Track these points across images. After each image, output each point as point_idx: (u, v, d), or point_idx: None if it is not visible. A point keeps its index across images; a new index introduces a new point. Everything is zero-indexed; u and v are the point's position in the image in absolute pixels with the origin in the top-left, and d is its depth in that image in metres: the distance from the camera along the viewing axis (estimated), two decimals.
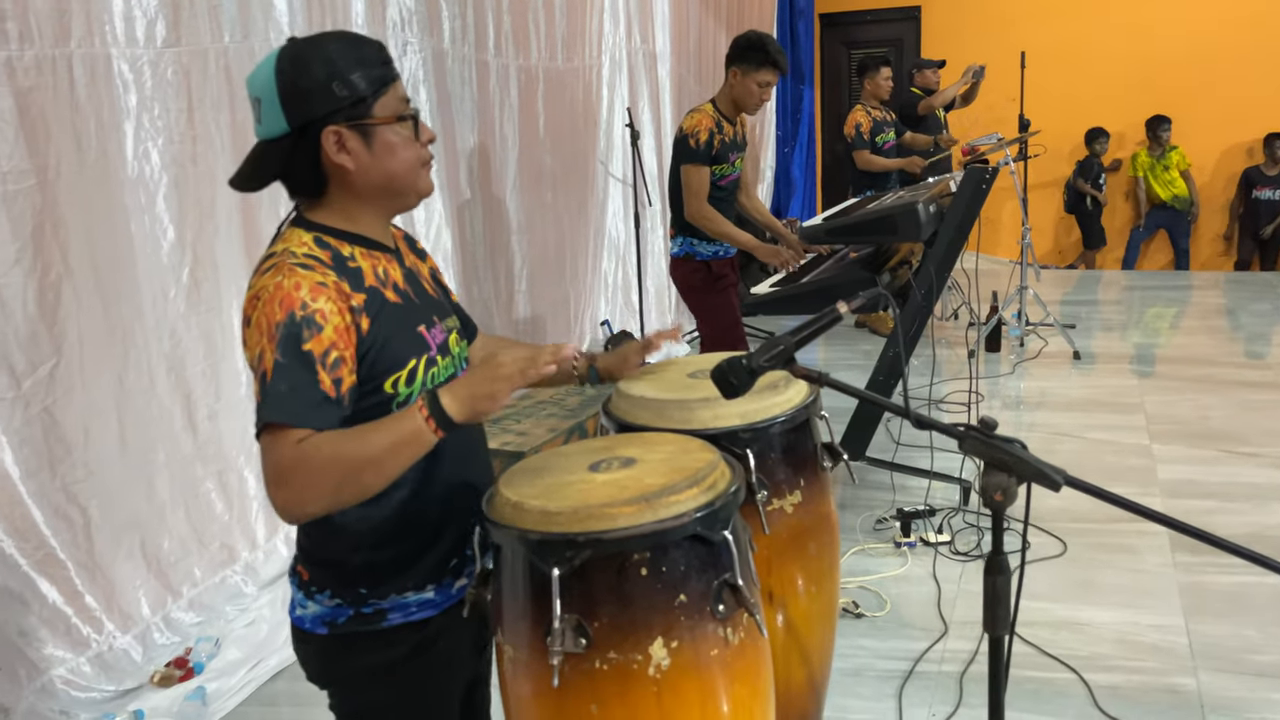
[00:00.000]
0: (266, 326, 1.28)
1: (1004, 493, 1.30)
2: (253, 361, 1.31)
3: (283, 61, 1.35)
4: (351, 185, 1.40)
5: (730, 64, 3.72)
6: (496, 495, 1.38)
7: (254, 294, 1.32)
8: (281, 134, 1.35)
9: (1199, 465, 4.05)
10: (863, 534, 3.61)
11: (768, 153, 8.40)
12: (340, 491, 1.27)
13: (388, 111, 1.38)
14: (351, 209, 1.42)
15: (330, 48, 1.36)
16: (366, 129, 1.36)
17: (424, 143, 1.45)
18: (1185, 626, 2.90)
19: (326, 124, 1.34)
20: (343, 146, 1.36)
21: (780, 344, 1.34)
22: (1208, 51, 8.19)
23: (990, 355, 5.85)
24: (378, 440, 1.28)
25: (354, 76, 1.34)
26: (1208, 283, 7.88)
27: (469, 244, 4.18)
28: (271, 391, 1.27)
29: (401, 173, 1.41)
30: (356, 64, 1.35)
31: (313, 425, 1.27)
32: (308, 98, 1.33)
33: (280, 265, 1.33)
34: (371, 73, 1.37)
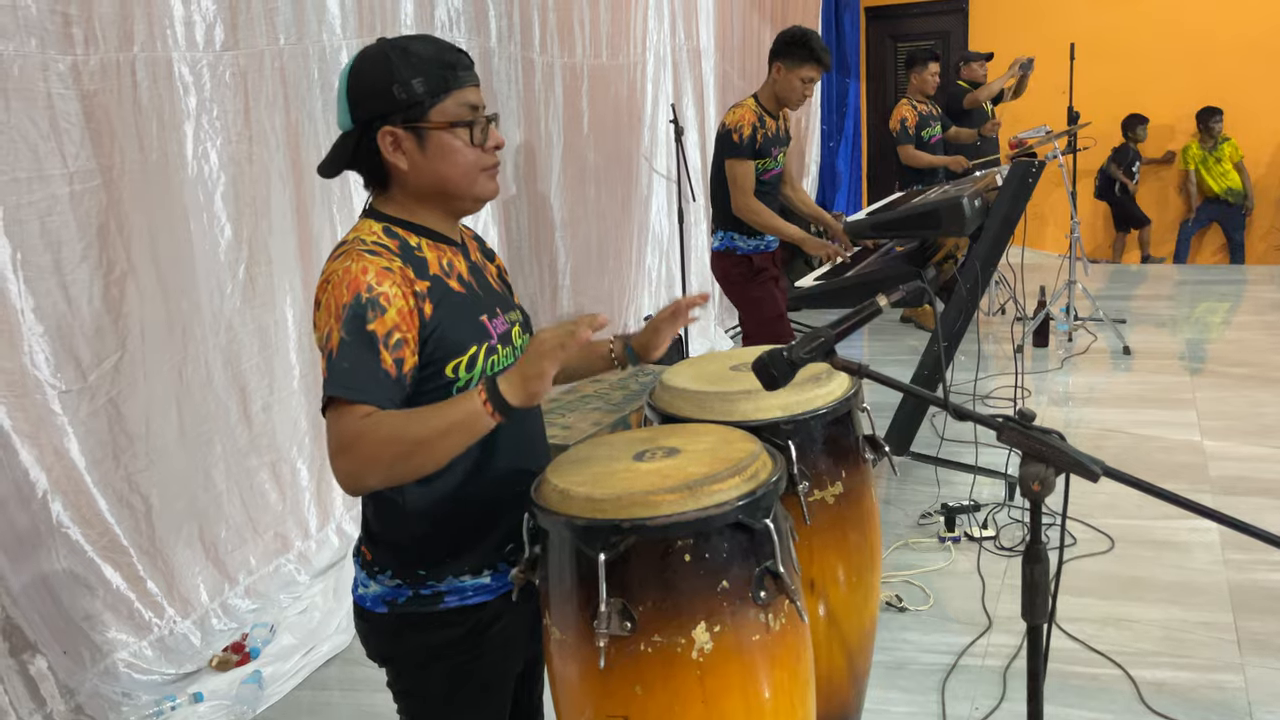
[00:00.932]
0: (334, 308, 1.35)
1: (1042, 483, 1.31)
2: (321, 342, 1.38)
3: (357, 61, 1.44)
4: (407, 184, 1.47)
5: (774, 59, 3.73)
6: (544, 483, 1.42)
7: (325, 278, 1.40)
8: (347, 129, 1.45)
9: (1252, 462, 3.99)
10: (906, 529, 3.61)
11: (813, 147, 8.37)
12: (394, 468, 1.33)
13: (445, 116, 1.44)
14: (412, 205, 1.50)
15: (402, 51, 1.43)
16: (421, 131, 1.43)
17: (489, 148, 1.50)
18: (1234, 624, 2.87)
19: (384, 124, 1.42)
20: (398, 147, 1.43)
21: (820, 336, 1.37)
22: (1260, 40, 8.01)
23: (1038, 350, 5.80)
24: (435, 421, 1.33)
25: (414, 81, 1.41)
26: (1262, 277, 7.72)
27: (514, 240, 4.24)
28: (336, 367, 1.33)
29: (454, 176, 1.47)
30: (422, 69, 1.42)
31: (373, 401, 1.32)
32: (368, 97, 1.42)
33: (350, 251, 1.40)
34: (432, 79, 1.42)
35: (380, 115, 1.42)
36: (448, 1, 3.71)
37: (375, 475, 1.34)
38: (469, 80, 1.48)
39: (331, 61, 3.20)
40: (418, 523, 1.48)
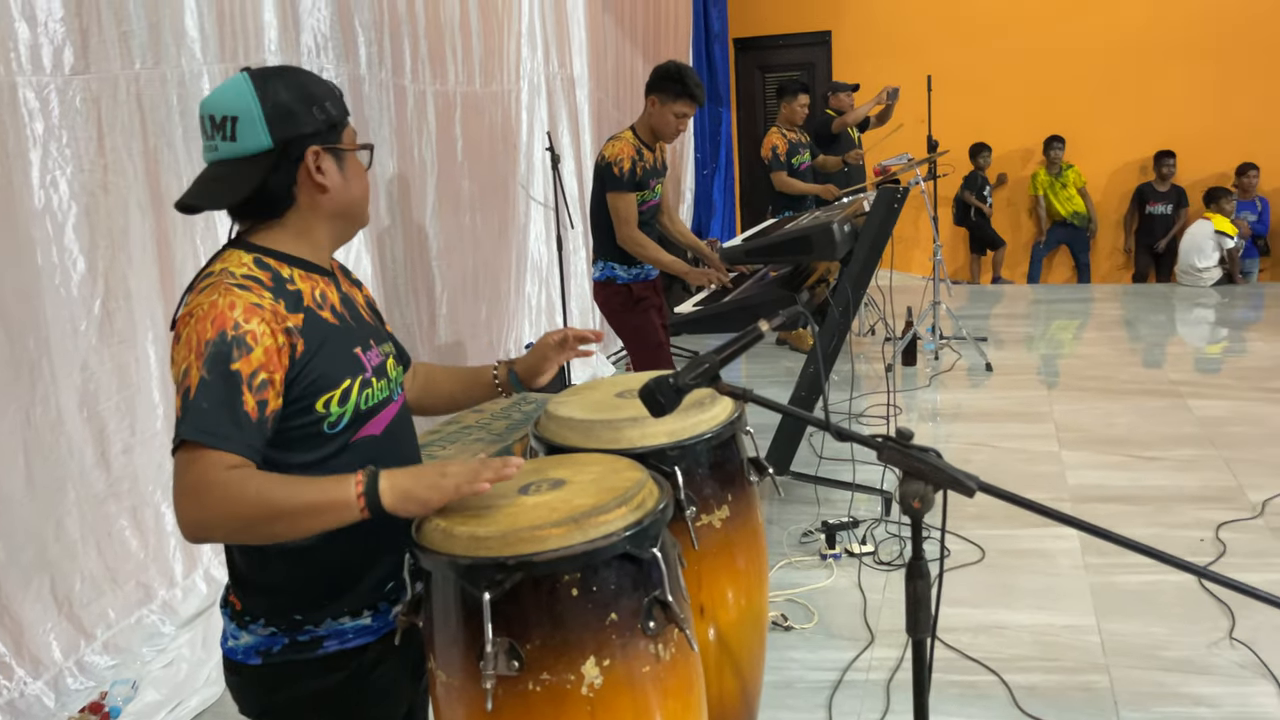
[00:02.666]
0: (196, 343, 1.29)
1: (921, 500, 1.35)
2: (178, 377, 1.31)
3: (263, 82, 1.40)
4: (320, 206, 1.45)
5: (649, 92, 3.78)
6: (426, 521, 1.38)
7: (188, 311, 1.34)
8: (261, 150, 1.38)
9: (1105, 470, 4.22)
10: (789, 547, 3.67)
11: (688, 175, 8.51)
12: (249, 529, 1.29)
13: (351, 141, 1.47)
14: (308, 230, 1.46)
15: (302, 77, 1.43)
16: (339, 153, 1.44)
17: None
18: (1097, 626, 3.01)
19: (309, 143, 1.40)
20: (320, 168, 1.42)
21: (705, 362, 1.37)
22: (1097, 76, 8.58)
23: (907, 369, 6.01)
24: (304, 496, 1.30)
25: (328, 104, 1.42)
26: (1107, 295, 8.22)
27: (389, 269, 4.15)
28: (194, 408, 1.27)
29: (361, 198, 1.51)
30: (327, 94, 1.44)
31: (234, 448, 1.27)
32: (289, 116, 1.38)
33: (217, 284, 1.34)
34: (338, 104, 1.45)
35: (303, 135, 1.39)
36: (314, 27, 3.62)
37: (224, 531, 1.29)
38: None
39: (191, 88, 3.08)
40: (292, 564, 1.41)
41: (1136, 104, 8.55)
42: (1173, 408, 4.99)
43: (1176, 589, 3.18)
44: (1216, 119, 8.29)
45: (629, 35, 6.79)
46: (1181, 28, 8.32)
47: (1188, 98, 8.38)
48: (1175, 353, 6.26)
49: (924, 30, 8.81)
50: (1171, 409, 4.97)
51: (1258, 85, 8.09)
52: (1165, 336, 6.74)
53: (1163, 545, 3.57)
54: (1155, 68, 8.43)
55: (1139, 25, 8.41)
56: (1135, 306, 7.66)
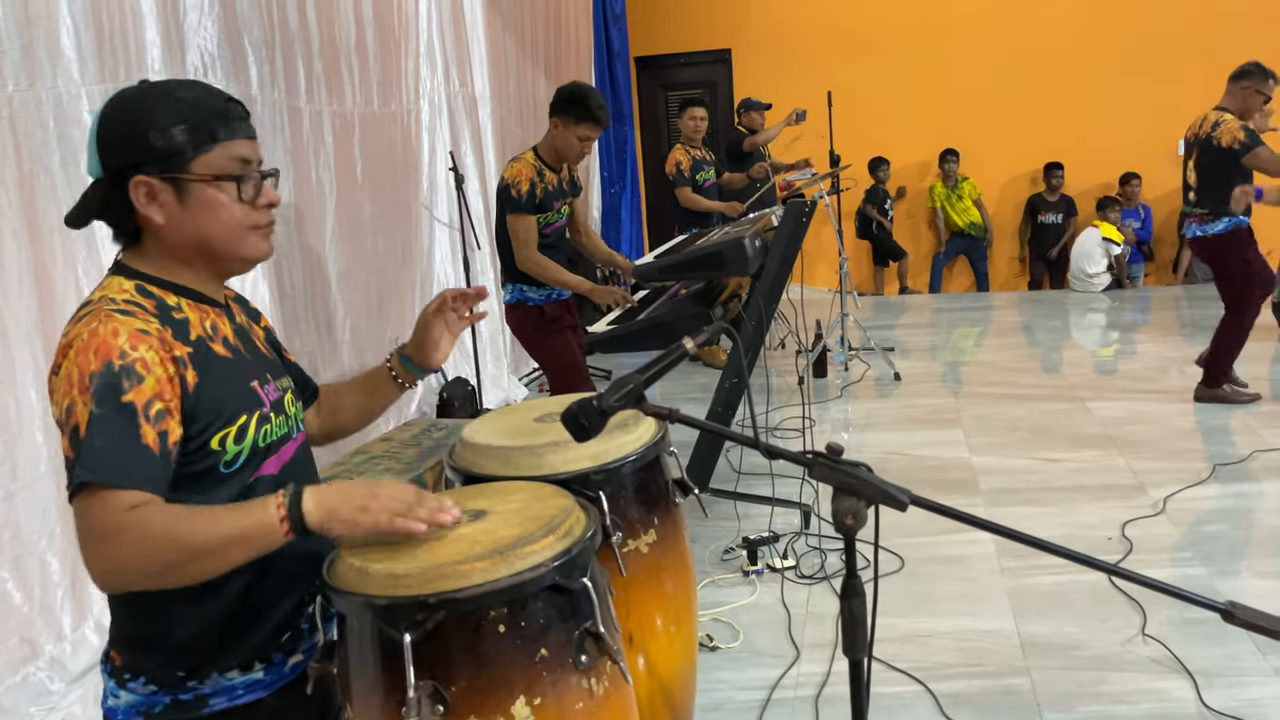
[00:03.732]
0: (79, 377, 1.19)
1: (854, 516, 1.32)
2: (60, 416, 1.20)
3: (112, 103, 1.30)
4: (164, 239, 1.34)
5: (552, 114, 3.72)
6: (339, 560, 1.29)
7: (66, 342, 1.23)
8: (97, 176, 1.31)
9: (1014, 474, 4.31)
10: (711, 565, 3.63)
11: (594, 194, 8.48)
12: (168, 572, 1.18)
13: (210, 169, 1.32)
14: (168, 262, 1.36)
15: (164, 95, 1.31)
16: (181, 183, 1.30)
17: (260, 206, 1.39)
18: (1016, 629, 3.05)
19: (137, 173, 1.28)
20: (154, 198, 1.30)
21: (629, 383, 1.32)
22: (990, 89, 8.88)
23: (819, 381, 6.07)
24: (222, 527, 1.20)
25: (175, 128, 1.29)
26: (1006, 302, 8.48)
27: (288, 295, 3.99)
28: (86, 448, 1.16)
29: (219, 234, 1.35)
30: (185, 116, 1.30)
31: (139, 485, 1.17)
32: (120, 143, 1.28)
33: (97, 312, 1.24)
34: (200, 128, 1.31)
35: (133, 164, 1.27)
36: (200, 45, 3.47)
37: (141, 576, 1.18)
38: (241, 132, 1.36)
39: (69, 110, 2.90)
40: (175, 616, 1.31)
41: (1025, 118, 8.87)
42: (1073, 410, 5.14)
43: (1089, 588, 3.25)
44: (1101, 132, 8.65)
45: (530, 54, 6.74)
46: (1066, 45, 8.67)
47: (1073, 112, 8.73)
48: (1072, 356, 6.47)
49: (822, 47, 8.99)
50: (1072, 411, 5.12)
51: (1138, 99, 8.47)
52: (1062, 341, 6.97)
53: (1072, 545, 3.65)
54: (1042, 83, 8.76)
55: (1026, 42, 8.74)
56: (1032, 313, 7.91)
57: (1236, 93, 4.82)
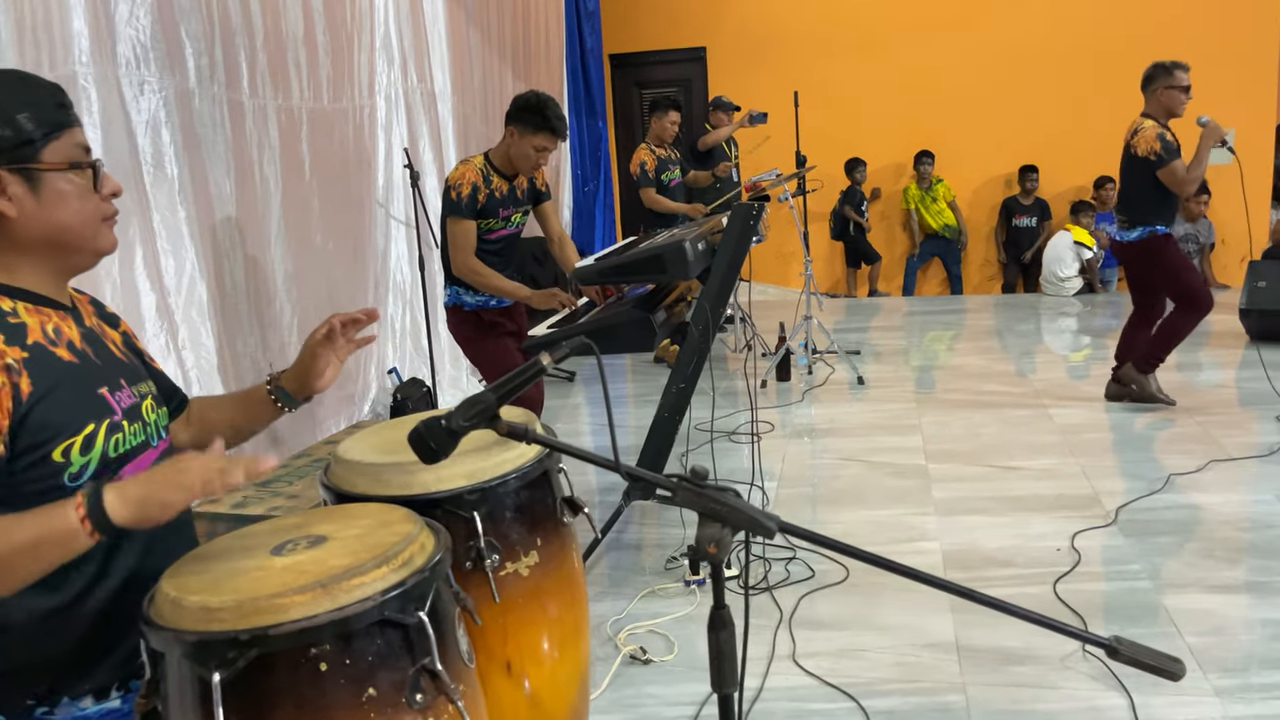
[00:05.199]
0: None
1: (718, 544, 1.25)
2: None
3: None
4: (13, 235, 1.26)
5: (508, 122, 3.63)
6: (158, 591, 1.21)
7: None
8: None
9: (970, 482, 4.25)
10: (653, 575, 3.56)
11: (566, 193, 8.40)
12: None
13: (60, 157, 1.26)
14: (12, 262, 1.28)
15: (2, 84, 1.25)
16: (32, 174, 1.24)
17: (105, 196, 1.33)
18: (955, 643, 2.98)
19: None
20: (3, 191, 1.23)
21: (482, 401, 1.24)
22: (966, 91, 8.82)
23: (782, 384, 6.01)
24: (17, 535, 1.12)
25: (20, 117, 1.23)
26: (979, 306, 8.43)
27: (229, 296, 3.90)
28: None
29: (75, 226, 1.29)
30: (25, 104, 1.24)
31: None
32: None
33: None
34: (43, 115, 1.25)
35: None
36: (132, 37, 3.38)
37: None
38: (76, 119, 1.31)
39: None
40: (23, 639, 1.23)
41: (1001, 120, 8.81)
42: (1036, 417, 5.08)
43: (1034, 600, 3.19)
44: (1075, 135, 8.60)
45: (497, 50, 6.64)
46: (1042, 48, 8.62)
47: (1048, 115, 8.68)
48: (1040, 361, 6.42)
49: (798, 46, 8.92)
50: (1034, 418, 5.06)
51: (1112, 102, 8.38)
52: (1032, 345, 6.92)
53: (1021, 557, 3.56)
54: (1018, 86, 8.71)
55: (1003, 44, 8.68)
56: (1004, 317, 7.86)
57: (1153, 99, 4.79)
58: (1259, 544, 3.51)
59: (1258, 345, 6.06)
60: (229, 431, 1.62)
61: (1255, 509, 3.82)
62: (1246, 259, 7.76)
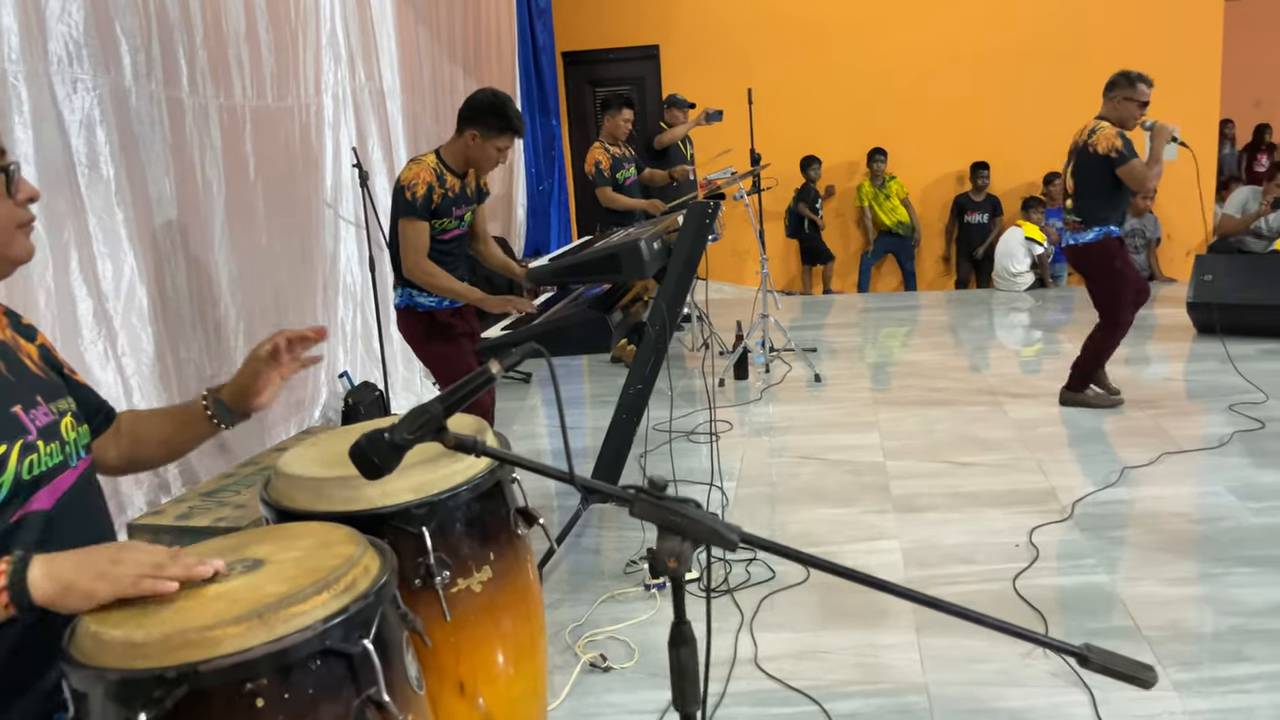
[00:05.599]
0: None
1: (678, 558, 1.20)
2: None
3: None
4: None
5: (467, 124, 3.54)
6: (79, 625, 1.13)
7: None
8: None
9: (927, 479, 4.25)
10: (612, 579, 3.50)
11: (520, 192, 8.30)
12: None
13: None
14: None
15: None
16: None
17: (21, 201, 1.26)
18: (917, 642, 2.96)
19: None
20: None
21: (428, 412, 1.18)
22: (917, 89, 8.87)
23: (740, 383, 5.98)
24: None
25: None
26: (933, 302, 8.48)
27: (170, 300, 3.78)
28: None
29: None
30: None
31: None
32: None
33: None
34: None
35: None
36: (65, 33, 3.24)
37: None
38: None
39: None
40: None
41: (952, 118, 8.88)
42: (990, 412, 5.11)
43: (993, 597, 3.18)
44: (1025, 131, 8.68)
45: (447, 47, 6.54)
46: (993, 45, 8.69)
47: (999, 112, 8.76)
48: (994, 357, 6.46)
49: (751, 44, 8.91)
50: (989, 413, 5.09)
51: (1063, 99, 8.47)
52: (985, 341, 6.97)
53: (979, 553, 3.54)
54: (969, 83, 8.78)
55: (953, 42, 8.74)
56: (957, 312, 7.92)
57: (1110, 104, 4.82)
58: (1212, 536, 3.55)
59: (1223, 338, 6.10)
60: (161, 449, 1.54)
61: (1207, 501, 3.86)
62: (1192, 253, 7.90)
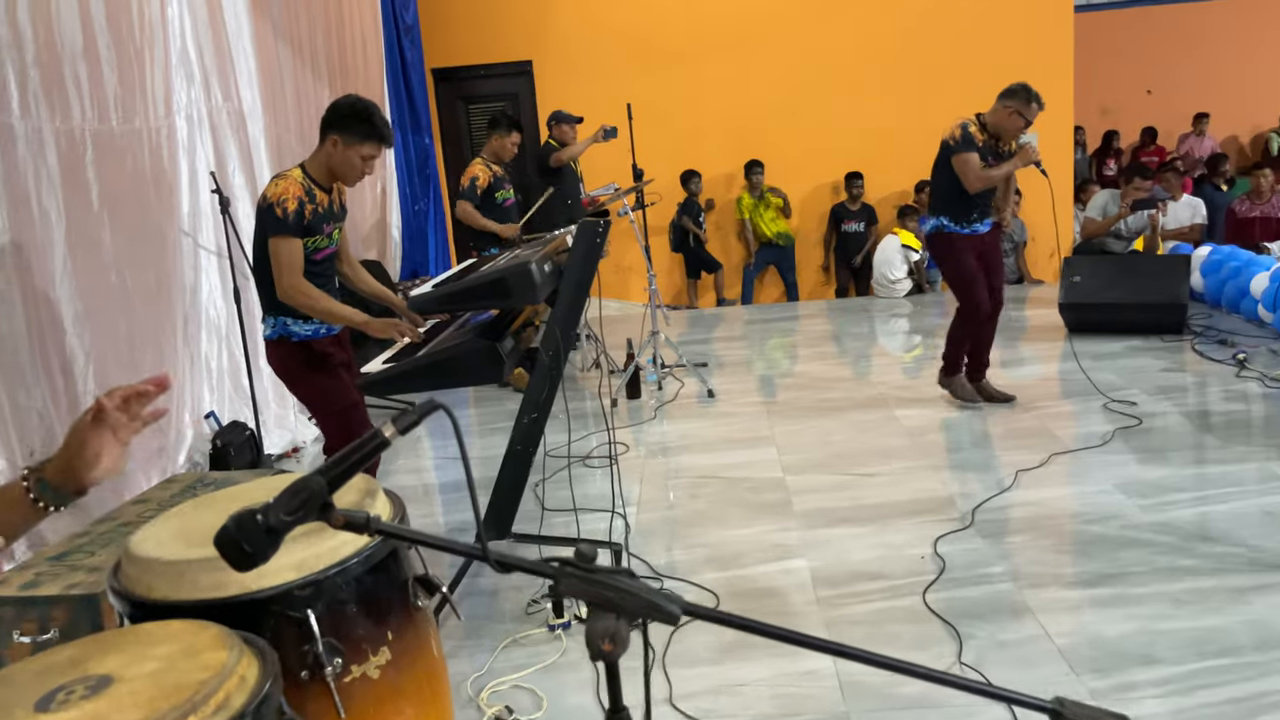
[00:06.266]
0: None
1: (613, 639, 1.05)
2: None
3: None
4: None
5: (329, 130, 3.30)
6: None
7: None
8: None
9: (829, 491, 4.20)
10: (514, 622, 3.31)
11: (393, 213, 8.00)
12: None
13: None
14: None
15: None
16: None
17: None
18: (835, 667, 2.88)
19: None
20: None
21: (308, 488, 0.99)
22: (791, 101, 8.97)
23: (633, 402, 5.86)
24: None
25: None
26: (815, 311, 8.56)
27: (7, 341, 3.41)
28: None
29: None
30: None
31: None
32: None
33: None
34: None
35: None
36: None
37: None
38: None
39: None
40: None
41: (825, 129, 9.01)
42: (883, 420, 5.13)
43: (906, 613, 3.14)
44: (896, 141, 8.87)
45: (310, 65, 6.23)
46: (863, 57, 8.87)
47: (870, 122, 8.93)
48: (879, 364, 6.53)
49: (627, 59, 8.84)
50: (882, 421, 5.10)
51: (927, 110, 8.71)
52: (869, 348, 7.05)
53: (888, 568, 3.46)
54: (840, 94, 8.92)
55: (825, 54, 8.88)
56: (840, 321, 8.00)
57: (999, 109, 4.91)
58: (1107, 535, 3.60)
59: (1081, 338, 6.34)
60: None
61: (1098, 499, 3.93)
62: (1055, 255, 8.20)
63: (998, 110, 4.89)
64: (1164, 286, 6.35)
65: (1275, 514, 3.66)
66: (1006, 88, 4.90)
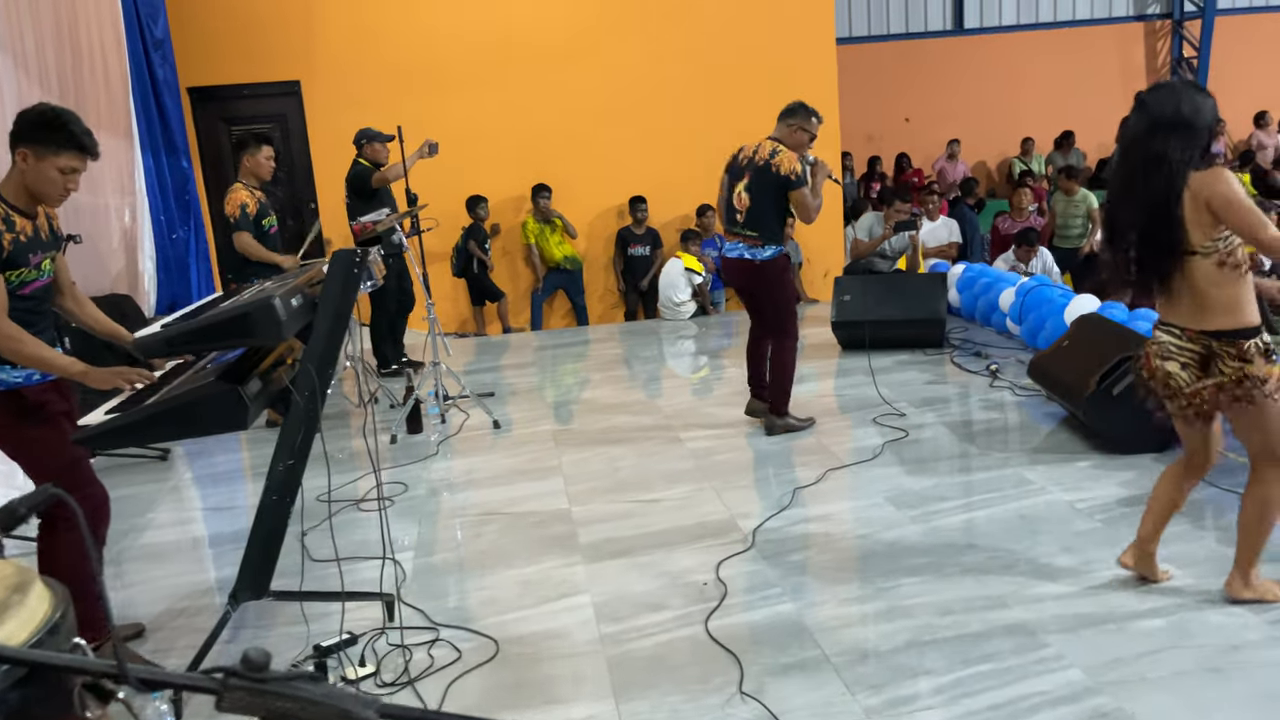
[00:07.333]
0: None
1: None
2: None
3: None
4: None
5: (17, 144, 2.92)
6: None
7: None
8: None
9: (614, 521, 4.12)
10: None
11: (146, 241, 7.34)
12: None
13: None
14: None
15: None
16: None
17: None
18: (616, 709, 2.77)
19: None
20: None
21: None
22: (573, 126, 8.95)
23: (414, 437, 5.59)
24: None
25: None
26: (604, 335, 8.55)
27: None
28: None
29: None
30: None
31: None
32: None
33: None
34: None
35: None
36: None
37: None
38: None
39: None
40: None
41: (609, 153, 9.04)
42: (668, 445, 5.11)
43: (689, 643, 3.08)
44: (678, 166, 9.01)
45: (38, 80, 5.61)
46: (643, 82, 8.96)
47: (653, 147, 9.04)
48: (667, 387, 6.56)
49: (404, 81, 8.54)
50: (668, 446, 5.09)
51: (704, 138, 8.91)
52: (658, 371, 7.09)
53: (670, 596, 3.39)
54: (622, 119, 8.99)
55: (606, 79, 8.91)
56: (629, 344, 8.02)
57: (785, 129, 5.03)
58: (878, 550, 3.69)
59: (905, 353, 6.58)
60: None
61: (870, 513, 4.04)
62: (830, 274, 8.56)
63: (783, 130, 5.00)
64: (925, 303, 6.72)
65: (1029, 517, 3.87)
66: (785, 108, 5.03)
